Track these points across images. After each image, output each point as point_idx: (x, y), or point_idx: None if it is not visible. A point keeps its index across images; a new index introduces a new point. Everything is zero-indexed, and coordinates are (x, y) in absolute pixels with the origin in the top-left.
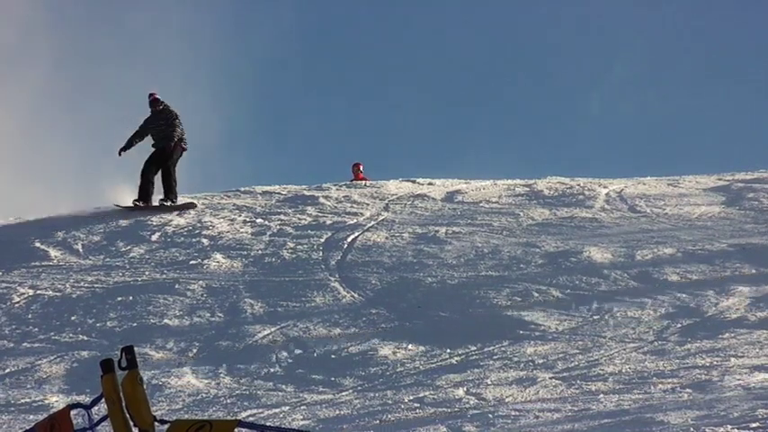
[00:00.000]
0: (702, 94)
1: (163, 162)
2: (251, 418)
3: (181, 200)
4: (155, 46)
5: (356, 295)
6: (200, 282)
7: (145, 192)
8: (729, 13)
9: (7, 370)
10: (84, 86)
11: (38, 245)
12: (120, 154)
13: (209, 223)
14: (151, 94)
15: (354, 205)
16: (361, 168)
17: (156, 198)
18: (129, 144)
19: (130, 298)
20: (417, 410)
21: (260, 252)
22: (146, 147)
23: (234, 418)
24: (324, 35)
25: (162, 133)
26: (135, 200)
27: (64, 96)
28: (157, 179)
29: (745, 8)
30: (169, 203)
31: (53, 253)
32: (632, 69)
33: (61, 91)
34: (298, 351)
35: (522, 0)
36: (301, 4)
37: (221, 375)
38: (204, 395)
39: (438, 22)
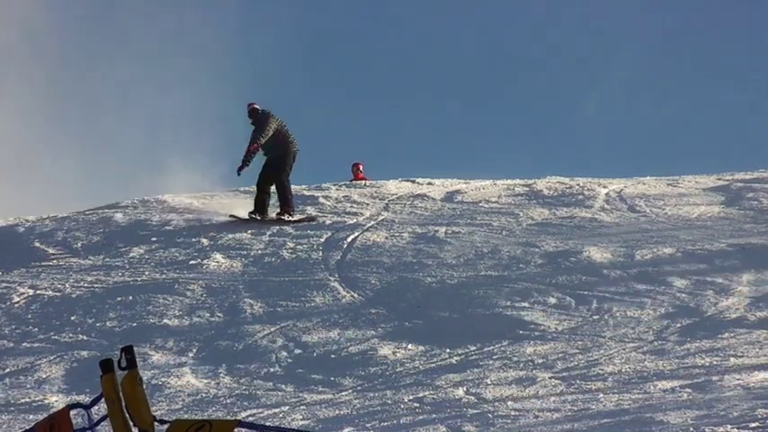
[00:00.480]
0: (702, 94)
1: (277, 172)
2: (251, 418)
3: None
4: (155, 46)
5: (356, 295)
6: (200, 282)
7: (261, 204)
8: (729, 13)
9: (7, 370)
10: (84, 87)
11: (38, 245)
12: (239, 173)
13: (208, 223)
14: (249, 104)
15: (354, 205)
16: (361, 168)
17: (273, 211)
18: (247, 160)
19: (130, 298)
20: (417, 410)
21: (259, 252)
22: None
23: (233, 418)
24: (324, 35)
25: (271, 143)
26: (251, 212)
27: (64, 97)
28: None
29: (746, 7)
30: (287, 217)
31: (53, 253)
32: (632, 70)
33: (62, 91)
34: (297, 351)
35: (521, 0)
36: (301, 4)
37: (221, 375)
38: (204, 395)
39: (438, 23)
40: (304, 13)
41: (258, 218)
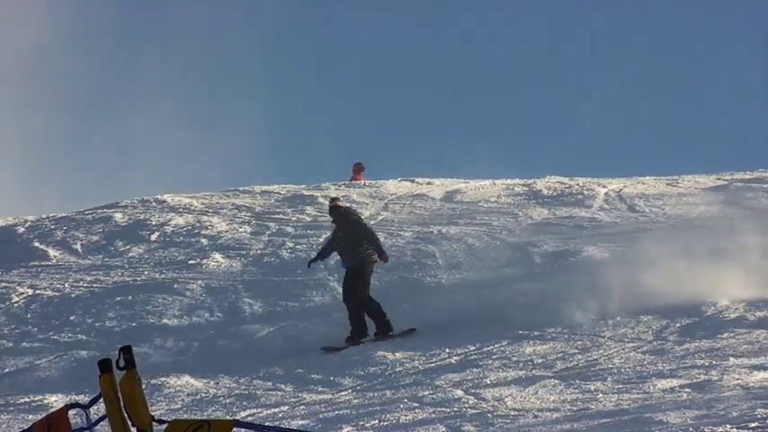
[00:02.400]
0: (702, 94)
1: (361, 283)
2: (250, 418)
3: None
4: (155, 47)
5: None
6: (200, 281)
7: (361, 325)
8: (729, 13)
9: (6, 369)
10: (86, 87)
11: (37, 245)
12: (309, 266)
13: (207, 223)
14: (332, 200)
15: (353, 205)
16: (363, 168)
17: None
18: (322, 256)
19: (129, 298)
20: (416, 410)
21: (259, 252)
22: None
23: (232, 417)
24: (323, 35)
25: (351, 249)
26: (349, 338)
27: (66, 100)
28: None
29: (746, 7)
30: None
31: (52, 253)
32: (631, 70)
33: (64, 96)
34: (297, 351)
35: (521, 0)
36: (302, 4)
37: (220, 375)
38: (203, 395)
39: (438, 23)
40: (304, 12)
41: (361, 341)
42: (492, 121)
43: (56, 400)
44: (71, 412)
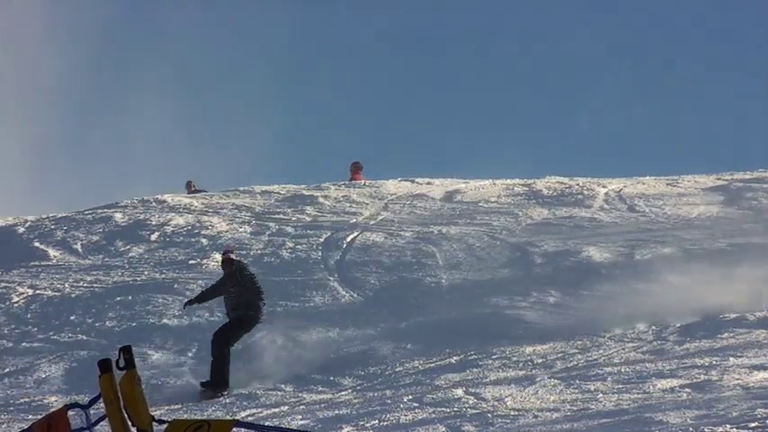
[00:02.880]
0: (702, 93)
1: (232, 337)
2: (250, 418)
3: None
4: (155, 47)
5: (355, 295)
6: (200, 281)
7: (224, 377)
8: (730, 13)
9: (6, 369)
10: (86, 90)
11: (37, 244)
12: (185, 307)
13: (207, 223)
14: (225, 252)
15: (353, 205)
16: (361, 169)
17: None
18: (200, 299)
19: (129, 298)
20: (416, 410)
21: (259, 252)
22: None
23: (232, 417)
24: (323, 35)
25: (235, 302)
26: (204, 384)
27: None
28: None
29: (746, 7)
30: (211, 393)
31: (52, 253)
32: (631, 69)
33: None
34: (297, 351)
35: (520, 1)
36: (302, 4)
37: None
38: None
39: (438, 23)
40: (303, 12)
41: (224, 394)
42: (492, 121)
43: (56, 400)
44: (70, 412)
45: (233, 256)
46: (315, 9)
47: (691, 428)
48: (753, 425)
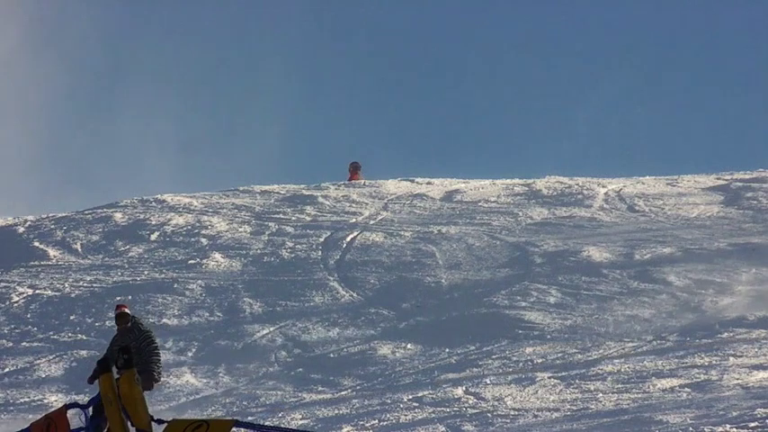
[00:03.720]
0: (702, 93)
1: None
2: (250, 418)
3: None
4: (154, 47)
5: (355, 295)
6: (199, 281)
7: None
8: (729, 12)
9: (6, 369)
10: (85, 88)
11: (37, 244)
12: (90, 382)
13: (207, 223)
14: (118, 307)
15: (353, 205)
16: (360, 168)
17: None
18: (95, 375)
19: (129, 297)
20: (416, 410)
21: (259, 251)
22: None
23: (232, 417)
24: (323, 35)
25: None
26: None
27: (66, 97)
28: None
29: (746, 8)
30: None
31: (52, 252)
32: (631, 69)
33: (65, 93)
34: (297, 351)
35: (521, 1)
36: (301, 4)
37: (220, 375)
38: (203, 394)
39: (438, 24)
40: (303, 12)
41: None
42: (492, 121)
43: (56, 400)
44: (70, 412)
45: (128, 310)
46: (315, 9)
47: (691, 428)
48: (753, 425)
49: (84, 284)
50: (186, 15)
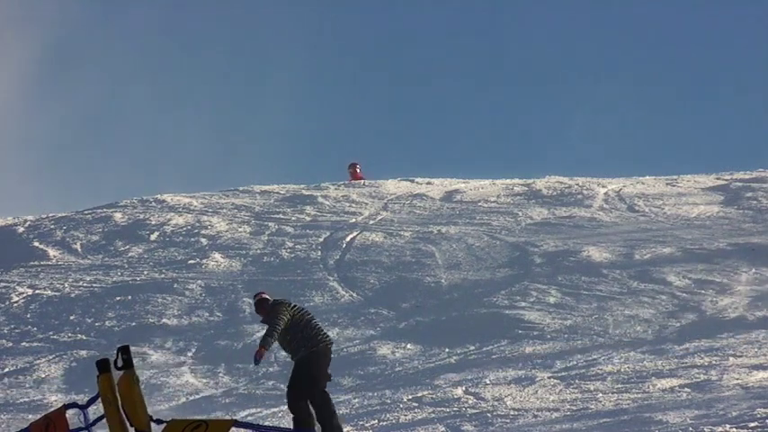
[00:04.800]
0: (701, 93)
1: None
2: (249, 418)
3: None
4: (154, 47)
5: (355, 295)
6: (199, 281)
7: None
8: (729, 12)
9: (6, 369)
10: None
11: (36, 244)
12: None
13: (207, 223)
14: (256, 295)
15: (353, 205)
16: (359, 168)
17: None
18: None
19: (129, 297)
20: (416, 410)
21: (258, 251)
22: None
23: (231, 417)
24: (323, 35)
25: (289, 343)
26: None
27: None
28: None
29: (745, 8)
30: None
31: (52, 252)
32: (631, 70)
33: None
34: None
35: (521, 1)
36: (302, 5)
37: (220, 375)
38: (203, 394)
39: (438, 23)
40: (303, 12)
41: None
42: (492, 121)
43: (55, 400)
44: (69, 412)
45: (266, 295)
46: (315, 9)
47: (690, 428)
48: (752, 425)
49: (84, 284)
50: (186, 16)
